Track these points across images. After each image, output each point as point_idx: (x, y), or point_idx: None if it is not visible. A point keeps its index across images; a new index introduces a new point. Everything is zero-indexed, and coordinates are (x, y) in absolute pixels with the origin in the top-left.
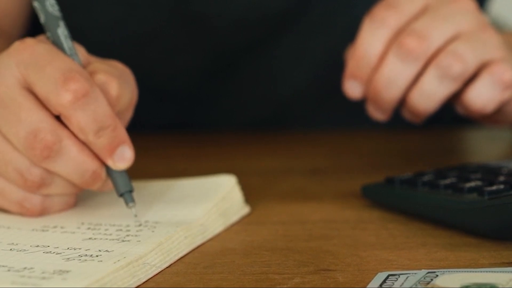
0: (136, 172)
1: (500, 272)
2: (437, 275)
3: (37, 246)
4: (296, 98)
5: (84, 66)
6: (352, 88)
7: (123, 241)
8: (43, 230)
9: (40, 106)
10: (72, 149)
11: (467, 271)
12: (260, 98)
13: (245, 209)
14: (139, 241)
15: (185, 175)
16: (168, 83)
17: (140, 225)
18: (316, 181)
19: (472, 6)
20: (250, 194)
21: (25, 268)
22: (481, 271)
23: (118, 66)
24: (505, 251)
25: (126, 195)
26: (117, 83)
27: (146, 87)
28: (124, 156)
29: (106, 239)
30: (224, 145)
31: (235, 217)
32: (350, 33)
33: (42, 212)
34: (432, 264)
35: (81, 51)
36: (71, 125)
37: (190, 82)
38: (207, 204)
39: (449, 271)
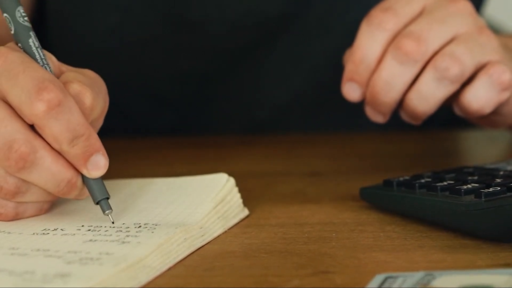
0: (137, 175)
1: (498, 273)
2: (434, 277)
3: (38, 250)
4: (294, 101)
5: (57, 75)
6: (351, 91)
7: (123, 242)
8: (43, 234)
9: (14, 116)
10: (47, 159)
11: (465, 273)
12: (258, 101)
13: (244, 212)
14: (139, 242)
15: None
16: (166, 88)
17: (139, 226)
18: (315, 184)
19: (469, 9)
20: (249, 196)
21: (26, 271)
22: (478, 273)
23: (91, 75)
24: (502, 252)
25: (102, 203)
26: (91, 93)
27: (144, 92)
28: (98, 164)
29: (106, 240)
30: (223, 148)
31: (234, 219)
32: (347, 36)
33: (15, 217)
34: (429, 266)
35: (52, 61)
36: (45, 135)
37: (188, 86)
38: (205, 205)
39: (446, 273)
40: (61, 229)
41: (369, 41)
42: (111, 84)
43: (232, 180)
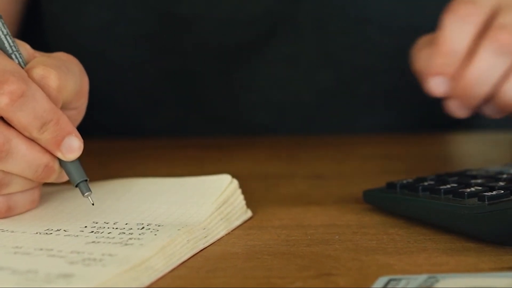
0: (139, 175)
1: (500, 277)
2: (437, 280)
3: (41, 249)
4: (291, 102)
5: (28, 62)
6: (437, 85)
7: (126, 244)
8: (46, 233)
9: None
10: (21, 147)
11: (468, 276)
12: (254, 102)
13: (247, 214)
14: (142, 244)
15: None
16: (160, 87)
17: (142, 228)
18: (318, 186)
19: None
20: (252, 198)
21: (29, 271)
22: (481, 276)
23: (61, 57)
24: (505, 255)
25: (81, 185)
26: (55, 74)
27: (138, 91)
28: (72, 147)
29: (109, 242)
30: (226, 149)
31: (237, 221)
32: (342, 35)
33: (8, 212)
34: (432, 269)
35: (26, 48)
36: (14, 125)
37: (181, 86)
38: (208, 205)
39: (449, 276)
40: (64, 230)
41: (458, 33)
42: (105, 83)
43: (235, 182)
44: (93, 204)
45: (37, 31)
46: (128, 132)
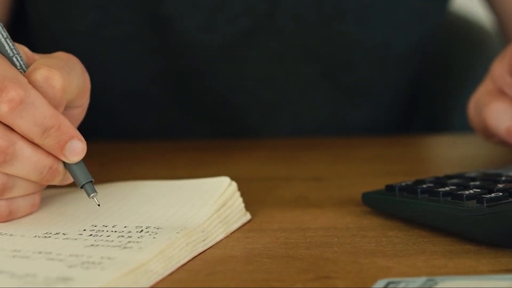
0: (139, 178)
1: (499, 279)
2: (436, 282)
3: (40, 252)
4: (281, 99)
5: (29, 65)
6: None
7: (125, 248)
8: (45, 237)
9: None
10: (26, 150)
11: (466, 278)
12: (243, 102)
13: (246, 216)
14: (141, 248)
15: None
16: (149, 87)
17: (141, 231)
18: (317, 188)
19: None
20: (251, 201)
21: (28, 274)
22: (480, 278)
23: (62, 56)
24: (504, 258)
25: (87, 186)
26: (59, 74)
27: (127, 93)
28: (75, 150)
29: (108, 246)
30: (225, 151)
31: (236, 224)
32: (321, 29)
33: (9, 216)
34: (431, 271)
35: (25, 51)
36: (17, 131)
37: (171, 87)
38: (207, 208)
39: (448, 278)
40: (63, 233)
41: None
42: (94, 85)
43: (234, 184)
44: (99, 205)
45: (23, 34)
46: (118, 134)
